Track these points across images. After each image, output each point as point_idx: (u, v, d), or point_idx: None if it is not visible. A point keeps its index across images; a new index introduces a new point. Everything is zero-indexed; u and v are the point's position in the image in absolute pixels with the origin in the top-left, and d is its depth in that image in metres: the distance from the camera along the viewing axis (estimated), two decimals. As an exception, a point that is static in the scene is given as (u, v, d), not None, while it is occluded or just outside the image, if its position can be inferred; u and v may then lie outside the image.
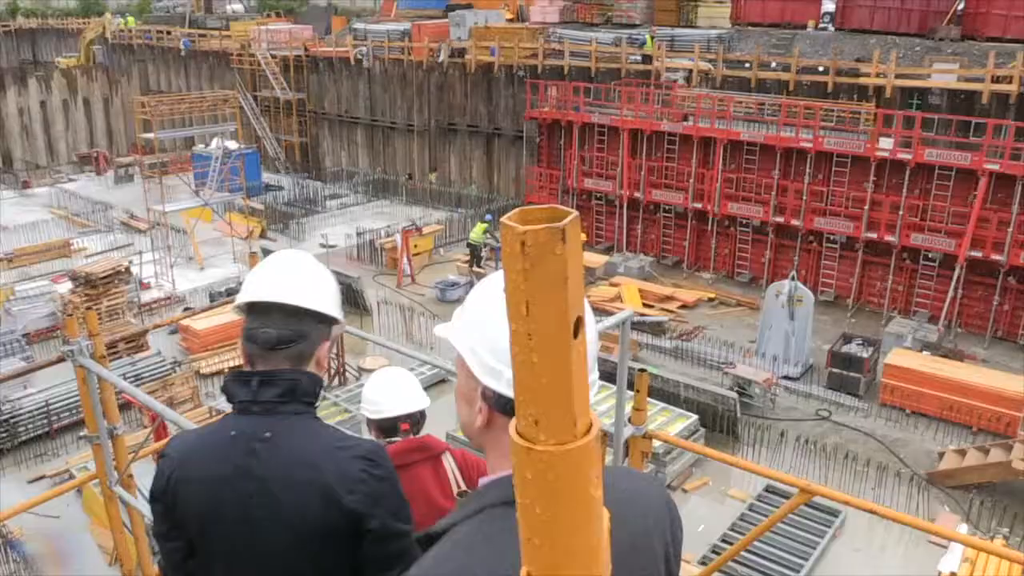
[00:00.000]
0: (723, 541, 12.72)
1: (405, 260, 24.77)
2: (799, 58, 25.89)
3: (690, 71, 27.96)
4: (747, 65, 27.15)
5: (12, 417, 16.13)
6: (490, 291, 1.58)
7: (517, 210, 0.72)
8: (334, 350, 18.24)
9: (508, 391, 1.48)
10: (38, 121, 44.60)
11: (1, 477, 15.52)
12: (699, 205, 24.91)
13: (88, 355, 3.87)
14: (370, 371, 17.81)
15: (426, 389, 3.48)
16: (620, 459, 3.09)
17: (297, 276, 2.21)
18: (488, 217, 26.95)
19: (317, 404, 2.19)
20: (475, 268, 24.76)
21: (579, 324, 0.73)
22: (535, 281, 0.71)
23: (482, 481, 1.56)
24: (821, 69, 25.41)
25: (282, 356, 2.13)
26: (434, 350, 18.43)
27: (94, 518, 13.71)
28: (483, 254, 25.07)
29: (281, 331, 2.12)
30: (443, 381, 18.07)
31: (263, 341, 2.13)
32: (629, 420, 3.12)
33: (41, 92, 44.59)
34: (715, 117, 24.38)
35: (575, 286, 0.73)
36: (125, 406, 13.95)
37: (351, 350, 19.17)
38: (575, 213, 0.73)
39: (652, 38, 29.44)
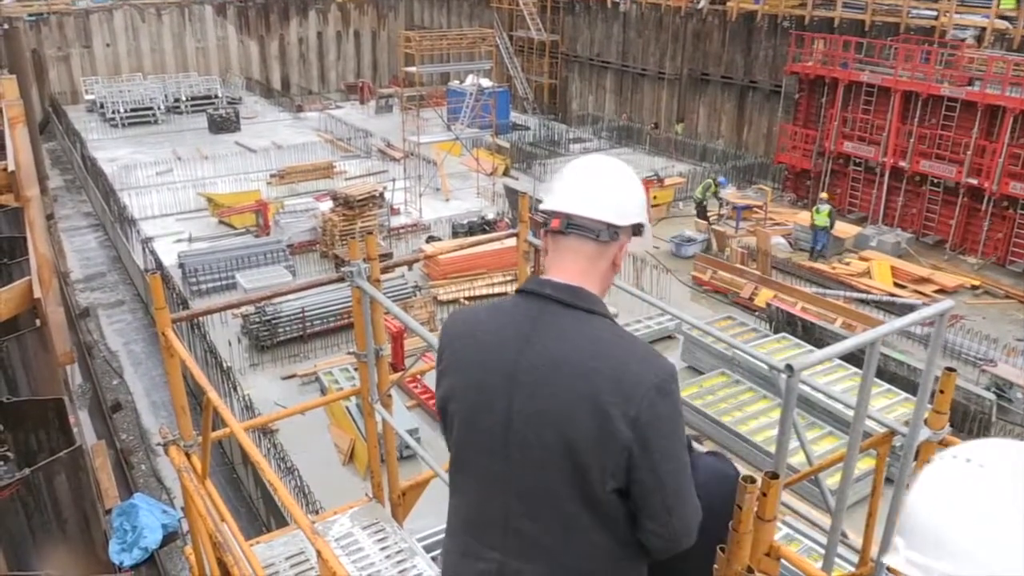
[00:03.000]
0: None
1: (642, 211, 24.44)
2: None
3: (983, 29, 24.99)
4: (1055, 26, 23.81)
5: (274, 319, 17.81)
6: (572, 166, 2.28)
7: None
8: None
9: (541, 206, 2.22)
10: (314, 50, 48.27)
11: (260, 370, 17.26)
12: (974, 181, 22.42)
13: (365, 277, 4.05)
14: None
15: (651, 344, 3.27)
16: (910, 463, 2.77)
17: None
18: (722, 181, 25.94)
19: None
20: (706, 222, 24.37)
21: None
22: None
23: None
24: None
25: None
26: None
27: (333, 420, 14.94)
28: (712, 209, 24.64)
29: None
30: (670, 337, 17.81)
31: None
32: (926, 422, 2.78)
33: (319, 24, 48.11)
34: (1007, 83, 21.67)
35: None
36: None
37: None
38: None
39: None
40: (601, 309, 2.14)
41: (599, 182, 2.21)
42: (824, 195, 23.34)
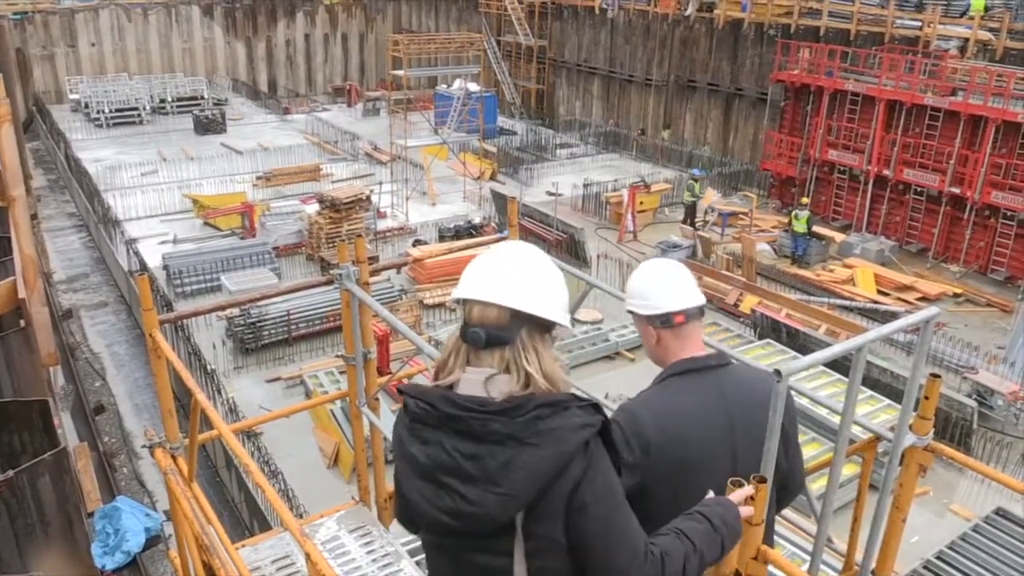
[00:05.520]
0: (938, 558, 11.69)
1: (629, 216, 24.54)
2: (1104, 33, 22.62)
3: (966, 40, 25.25)
4: (1036, 37, 24.08)
5: (259, 321, 17.73)
6: (641, 270, 2.86)
7: None
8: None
9: (651, 311, 2.76)
10: (301, 53, 48.14)
11: (245, 373, 17.17)
12: (956, 190, 22.63)
13: (354, 280, 4.05)
14: (583, 323, 17.93)
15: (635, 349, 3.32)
16: (895, 468, 2.81)
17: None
18: (696, 172, 26.23)
19: None
20: (691, 226, 24.47)
21: None
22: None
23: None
24: None
25: None
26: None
27: (318, 423, 14.88)
28: (699, 215, 24.78)
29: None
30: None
31: None
32: (911, 428, 2.81)
33: (306, 26, 48.00)
34: (990, 93, 21.90)
35: None
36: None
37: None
38: None
39: (985, 4, 25.77)
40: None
41: (684, 277, 2.81)
42: (805, 201, 23.53)
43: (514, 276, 2.17)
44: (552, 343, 2.22)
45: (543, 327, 2.17)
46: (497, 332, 2.10)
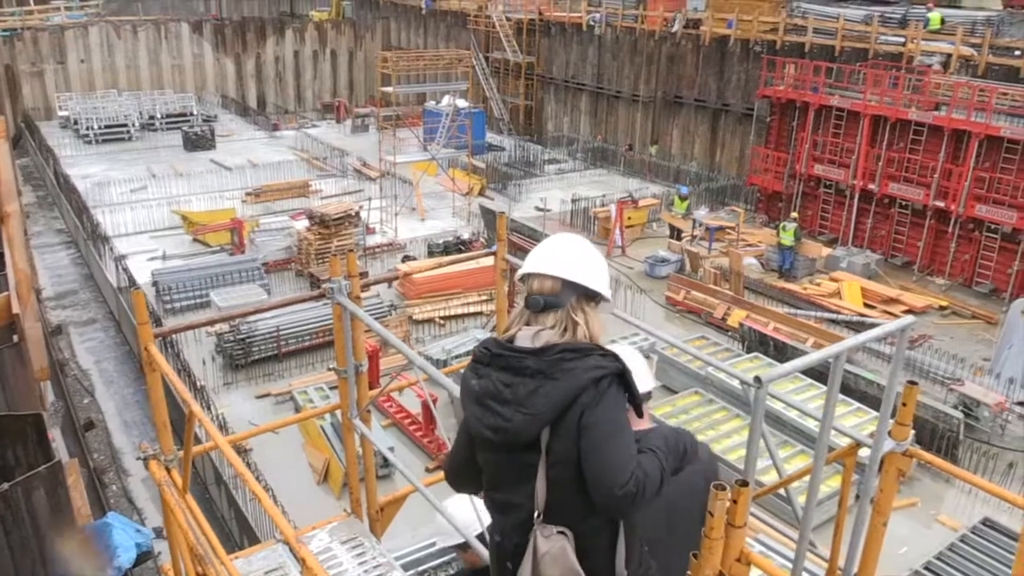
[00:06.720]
0: (926, 568, 11.76)
1: (617, 231, 24.68)
2: (1083, 49, 22.97)
3: (948, 56, 25.60)
4: (1017, 53, 24.42)
5: (248, 337, 17.72)
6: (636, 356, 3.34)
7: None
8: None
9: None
10: (291, 69, 48.29)
11: (234, 389, 17.15)
12: (941, 203, 22.88)
13: (345, 294, 4.12)
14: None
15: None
16: (875, 472, 2.89)
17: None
18: (683, 190, 26.47)
19: None
20: (679, 242, 24.61)
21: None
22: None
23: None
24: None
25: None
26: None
27: (308, 439, 14.87)
28: (687, 231, 25.01)
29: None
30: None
31: None
32: (890, 434, 2.90)
33: (295, 43, 48.18)
34: (972, 108, 22.19)
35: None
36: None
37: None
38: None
39: (941, 18, 26.68)
40: None
41: (642, 365, 3.36)
42: (794, 214, 23.75)
43: (564, 255, 2.73)
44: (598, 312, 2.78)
45: (589, 296, 2.71)
46: (552, 298, 2.65)
